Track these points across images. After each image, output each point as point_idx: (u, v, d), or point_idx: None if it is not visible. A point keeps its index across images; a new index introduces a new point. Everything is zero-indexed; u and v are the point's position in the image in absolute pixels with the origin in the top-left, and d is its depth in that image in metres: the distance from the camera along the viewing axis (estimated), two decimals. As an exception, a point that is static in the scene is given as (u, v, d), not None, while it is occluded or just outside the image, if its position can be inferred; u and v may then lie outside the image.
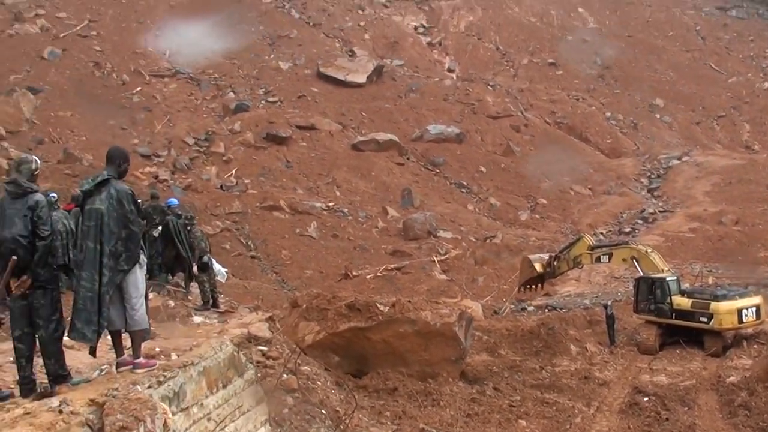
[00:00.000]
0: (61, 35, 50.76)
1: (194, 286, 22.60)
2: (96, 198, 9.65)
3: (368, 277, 30.99)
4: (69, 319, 9.73)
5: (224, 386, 10.98)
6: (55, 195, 18.25)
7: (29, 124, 41.69)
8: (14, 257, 8.55)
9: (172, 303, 20.44)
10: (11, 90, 43.61)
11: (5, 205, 9.63)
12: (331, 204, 37.85)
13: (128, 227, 9.73)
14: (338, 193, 39.24)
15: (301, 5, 58.02)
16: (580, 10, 62.49)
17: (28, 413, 8.00)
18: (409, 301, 19.05)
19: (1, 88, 44.63)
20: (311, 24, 56.17)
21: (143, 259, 9.98)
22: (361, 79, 49.63)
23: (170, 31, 53.62)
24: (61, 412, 7.87)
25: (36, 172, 9.64)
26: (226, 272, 27.02)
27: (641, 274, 24.20)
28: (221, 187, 38.12)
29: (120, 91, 46.39)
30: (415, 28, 60.03)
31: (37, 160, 9.64)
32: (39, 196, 9.51)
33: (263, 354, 14.43)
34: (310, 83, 48.94)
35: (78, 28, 51.75)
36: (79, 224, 10.29)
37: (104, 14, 53.80)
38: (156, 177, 36.60)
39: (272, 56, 51.77)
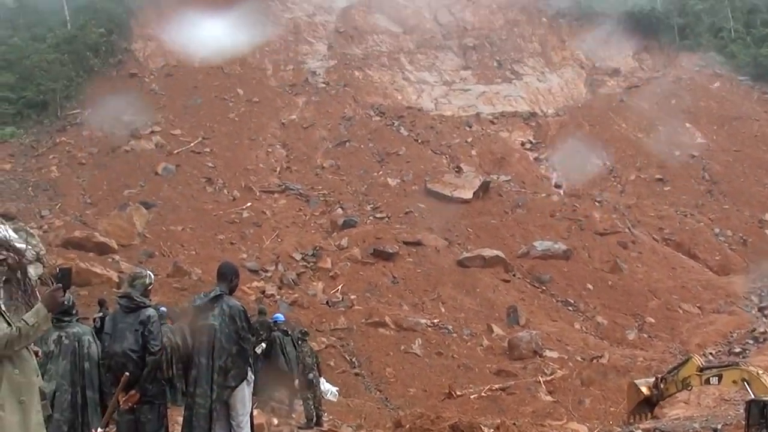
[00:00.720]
0: (175, 151, 52.32)
1: (298, 404, 22.59)
2: (209, 314, 9.76)
3: (472, 397, 30.54)
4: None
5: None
6: (165, 309, 18.57)
7: (141, 238, 42.72)
8: (126, 373, 8.66)
9: (275, 420, 20.50)
10: (125, 204, 44.92)
11: (117, 319, 9.84)
12: (436, 321, 37.62)
13: (239, 344, 9.84)
14: (443, 310, 39.01)
15: (409, 123, 58.87)
16: (688, 125, 61.93)
17: None
18: (514, 424, 18.72)
19: (116, 202, 46.05)
20: (419, 141, 56.82)
21: (251, 375, 10.02)
22: (467, 194, 49.73)
23: (281, 148, 54.84)
24: None
25: (149, 287, 9.85)
26: (336, 391, 26.98)
27: (752, 396, 23.39)
28: (327, 302, 38.24)
29: (230, 206, 47.36)
30: (522, 144, 60.20)
31: (151, 275, 9.85)
32: (151, 311, 9.68)
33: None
34: (417, 199, 49.22)
35: (191, 144, 53.28)
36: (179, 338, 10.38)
37: (217, 131, 55.32)
38: (263, 292, 36.95)
39: (381, 172, 52.37)
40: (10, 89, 58.00)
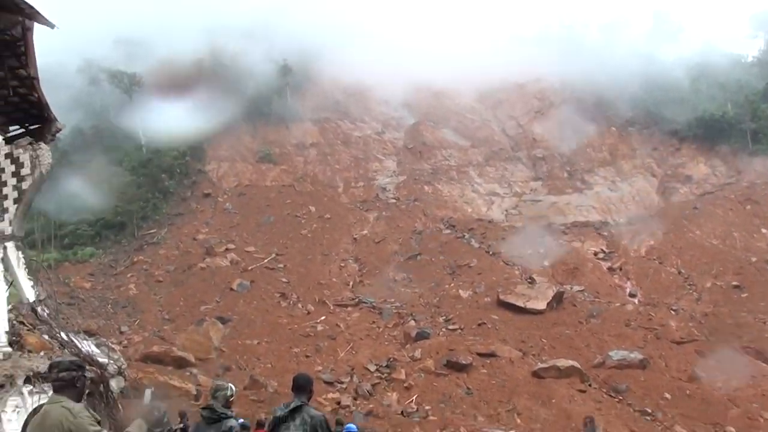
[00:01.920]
0: (250, 268, 53.14)
1: None
2: (291, 424, 10.02)
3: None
4: None
5: None
6: (244, 420, 18.86)
7: (217, 352, 43.26)
8: None
9: None
10: (201, 320, 45.64)
11: (200, 430, 10.10)
12: (511, 431, 37.31)
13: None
14: (519, 421, 38.60)
15: (480, 235, 59.10)
16: (764, 230, 61.27)
17: None
18: None
19: (192, 318, 46.81)
20: (490, 253, 56.88)
21: (333, 484, 10.15)
22: (541, 305, 49.51)
23: (354, 263, 55.40)
24: None
25: (231, 399, 10.15)
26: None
27: None
28: (402, 413, 38.16)
29: (305, 320, 47.75)
30: (595, 254, 59.83)
31: (232, 387, 10.15)
32: (233, 422, 9.95)
33: None
34: (490, 311, 49.09)
35: (265, 261, 54.09)
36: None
37: (290, 247, 56.12)
38: (338, 403, 37.05)
39: (452, 284, 52.43)
40: (89, 211, 59.66)
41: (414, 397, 39.60)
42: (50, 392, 18.94)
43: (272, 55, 76.39)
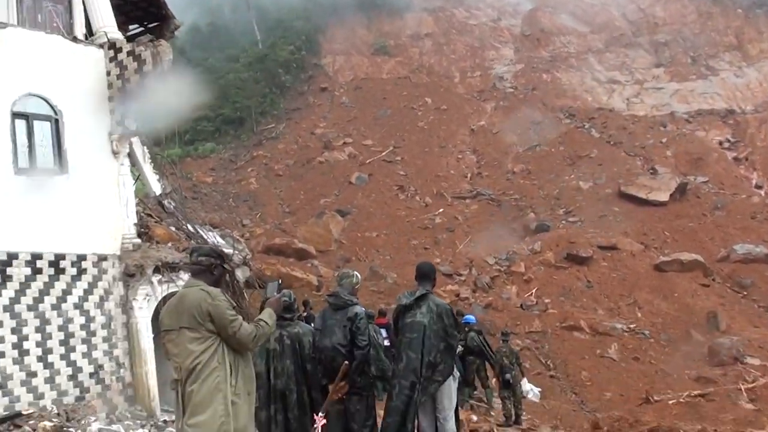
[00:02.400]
0: (367, 161, 53.32)
1: (498, 402, 22.86)
2: (416, 312, 10.11)
3: (670, 402, 29.91)
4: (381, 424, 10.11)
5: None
6: (369, 311, 19.15)
7: (337, 244, 43.88)
8: (346, 362, 8.99)
9: (474, 417, 20.75)
10: (321, 212, 46.25)
11: (326, 316, 10.30)
12: (632, 325, 37.03)
13: (446, 340, 10.10)
14: (640, 315, 38.33)
15: (601, 124, 57.87)
16: None
17: None
18: (715, 431, 18.41)
19: (312, 211, 47.43)
20: (611, 143, 55.74)
21: (456, 372, 10.26)
22: (663, 197, 48.56)
23: (472, 154, 55.11)
24: None
25: (356, 286, 10.29)
26: (539, 391, 27.07)
27: None
28: (521, 306, 38.27)
29: (423, 212, 47.90)
30: (720, 143, 57.99)
31: (358, 275, 10.28)
32: (358, 309, 10.08)
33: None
34: (610, 202, 48.35)
35: (383, 154, 54.17)
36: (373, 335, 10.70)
37: (407, 140, 55.99)
38: (457, 295, 37.28)
39: (572, 176, 51.72)
40: (209, 108, 60.40)
41: (533, 290, 39.63)
42: (178, 281, 19.59)
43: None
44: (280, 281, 10.15)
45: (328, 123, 58.59)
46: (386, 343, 18.42)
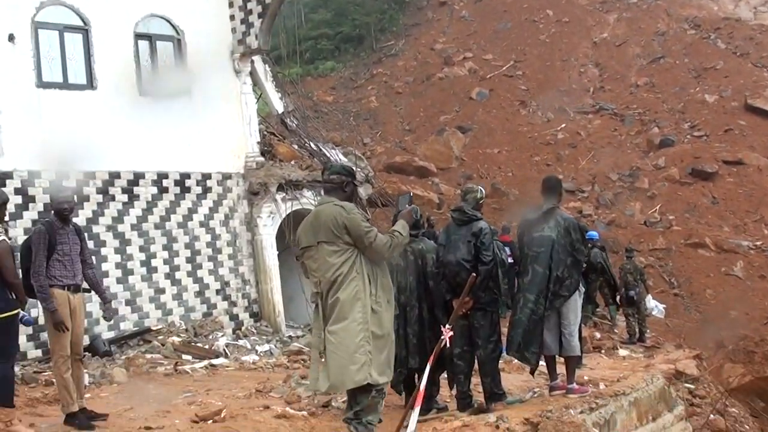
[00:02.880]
0: (488, 76, 52.83)
1: (621, 319, 22.80)
2: (544, 226, 10.13)
3: (798, 322, 29.40)
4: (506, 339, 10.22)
5: (653, 419, 11.03)
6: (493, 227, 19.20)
7: (458, 161, 43.84)
8: (473, 274, 9.09)
9: (597, 335, 20.78)
10: (442, 129, 46.18)
11: (451, 231, 10.41)
12: (758, 243, 36.29)
13: (573, 255, 10.12)
14: (766, 232, 37.54)
15: (727, 35, 55.98)
16: None
17: (467, 426, 8.52)
18: None
19: (433, 128, 47.37)
20: (738, 54, 53.96)
21: (582, 287, 10.28)
22: (793, 109, 47.01)
23: (594, 68, 54.14)
24: (497, 427, 8.35)
25: (481, 201, 10.34)
26: (663, 308, 26.88)
27: None
28: (645, 222, 37.85)
29: (545, 128, 47.45)
30: None
31: (482, 189, 10.33)
32: (483, 224, 10.15)
33: (690, 392, 14.30)
34: (737, 116, 46.93)
35: (504, 68, 53.58)
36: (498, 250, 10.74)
37: (529, 54, 55.22)
38: (580, 212, 37.09)
39: (697, 89, 50.33)
40: (328, 26, 60.61)
41: (657, 207, 39.11)
42: (301, 198, 19.93)
43: None
44: (411, 194, 10.33)
45: (447, 38, 58.10)
46: (509, 260, 18.44)
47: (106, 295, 10.52)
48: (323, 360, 7.93)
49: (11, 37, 16.71)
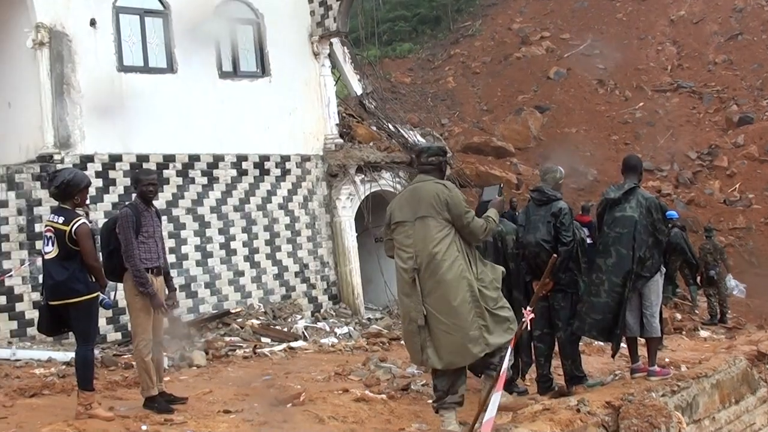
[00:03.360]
0: (565, 55, 52.42)
1: (702, 300, 22.52)
2: (626, 206, 10.13)
3: None
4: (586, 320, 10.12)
5: (736, 402, 10.93)
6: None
7: (536, 141, 43.62)
8: (554, 255, 9.12)
9: (678, 316, 20.58)
10: (519, 109, 45.96)
11: (530, 212, 10.48)
12: None
13: (655, 235, 10.10)
14: None
15: (809, 8, 54.86)
16: None
17: (547, 409, 8.59)
18: None
19: (510, 108, 47.14)
20: (819, 28, 52.77)
21: (663, 267, 10.17)
22: None
23: (672, 46, 53.32)
24: (578, 411, 8.36)
25: (560, 181, 10.35)
26: (744, 288, 26.48)
27: None
28: (725, 201, 37.35)
29: (622, 107, 46.98)
30: None
31: (561, 170, 10.35)
32: (562, 204, 10.18)
33: (773, 373, 14.03)
34: (819, 93, 46.01)
35: (581, 47, 53.10)
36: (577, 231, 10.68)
37: (606, 32, 54.64)
38: (659, 191, 36.72)
39: (776, 65, 49.37)
40: (405, 8, 60.69)
41: (737, 185, 38.61)
42: (380, 180, 19.99)
43: None
44: (501, 185, 10.40)
45: (524, 17, 57.78)
46: (588, 241, 18.27)
47: (172, 282, 10.68)
48: (425, 335, 8.21)
49: (93, 22, 17.09)
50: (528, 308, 7.96)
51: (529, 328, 8.46)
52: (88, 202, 10.38)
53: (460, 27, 59.48)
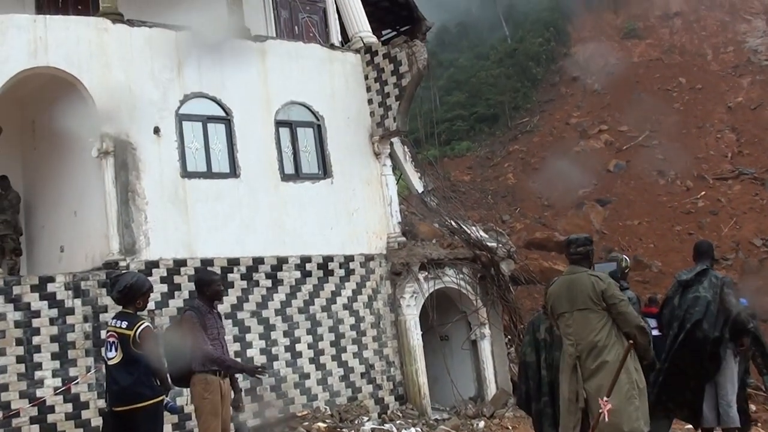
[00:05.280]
0: (624, 147, 52.39)
1: (780, 390, 21.91)
2: (698, 287, 10.09)
3: None
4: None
5: None
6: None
7: (599, 234, 43.34)
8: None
9: (753, 407, 19.99)
10: (581, 203, 45.82)
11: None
12: None
13: (727, 315, 9.97)
14: None
15: None
16: None
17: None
18: None
19: (572, 202, 46.97)
20: None
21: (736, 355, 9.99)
22: None
23: (731, 133, 53.04)
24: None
25: (626, 270, 10.40)
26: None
27: None
28: (793, 288, 36.72)
29: (684, 197, 46.73)
30: None
31: (627, 258, 10.39)
32: (630, 293, 10.16)
33: None
34: None
35: (640, 138, 53.08)
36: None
37: (663, 123, 54.59)
38: (725, 279, 36.06)
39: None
40: (462, 107, 61.46)
41: (803, 271, 37.88)
42: (443, 277, 19.90)
43: None
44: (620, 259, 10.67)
45: (582, 112, 58.05)
46: (655, 332, 17.87)
47: (238, 384, 10.65)
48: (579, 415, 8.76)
49: (156, 130, 17.36)
50: (604, 398, 7.91)
51: (606, 419, 8.33)
52: (153, 307, 10.44)
53: (518, 123, 59.91)
